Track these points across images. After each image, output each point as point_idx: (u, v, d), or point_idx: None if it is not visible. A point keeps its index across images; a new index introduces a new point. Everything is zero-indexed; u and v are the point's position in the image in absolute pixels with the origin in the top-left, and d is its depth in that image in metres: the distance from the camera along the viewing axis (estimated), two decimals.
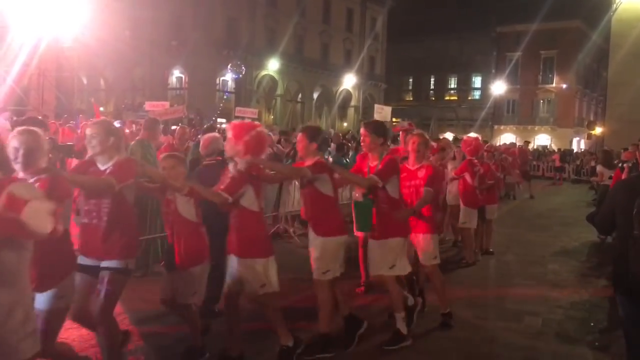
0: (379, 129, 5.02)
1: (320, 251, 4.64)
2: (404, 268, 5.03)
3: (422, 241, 5.43)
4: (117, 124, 14.48)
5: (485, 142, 14.14)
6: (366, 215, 4.93)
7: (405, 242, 5.04)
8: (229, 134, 4.33)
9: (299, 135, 4.84)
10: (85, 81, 36.49)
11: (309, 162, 4.66)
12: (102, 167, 3.92)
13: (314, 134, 4.72)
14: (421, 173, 5.32)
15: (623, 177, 8.10)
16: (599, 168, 11.95)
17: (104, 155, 3.93)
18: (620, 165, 10.28)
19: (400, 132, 7.19)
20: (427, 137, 5.59)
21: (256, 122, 4.46)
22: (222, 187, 4.24)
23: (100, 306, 3.84)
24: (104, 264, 3.86)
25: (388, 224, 4.90)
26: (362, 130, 5.20)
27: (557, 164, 27.85)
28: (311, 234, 4.77)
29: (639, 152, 9.35)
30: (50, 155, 6.02)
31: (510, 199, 17.49)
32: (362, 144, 5.24)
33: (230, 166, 4.43)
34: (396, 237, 4.94)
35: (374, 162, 4.99)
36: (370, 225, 4.95)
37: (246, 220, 4.34)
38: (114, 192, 3.77)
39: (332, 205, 4.72)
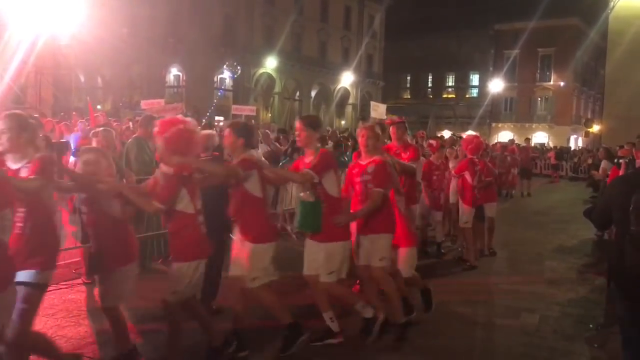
0: (314, 124, 4.84)
1: (248, 258, 4.46)
2: (342, 273, 4.81)
3: (369, 243, 4.96)
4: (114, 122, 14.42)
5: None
6: (312, 215, 4.64)
7: (346, 245, 4.79)
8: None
9: (226, 131, 4.67)
10: (82, 79, 36.46)
11: (237, 159, 4.53)
12: (14, 166, 3.56)
13: (240, 129, 4.58)
14: (371, 168, 4.94)
15: (620, 173, 8.10)
16: (603, 164, 11.95)
17: (16, 154, 3.58)
18: (616, 161, 10.28)
19: (391, 127, 7.12)
20: (379, 131, 5.28)
21: (185, 119, 4.23)
22: (155, 195, 4.06)
23: (16, 327, 3.44)
24: (19, 276, 3.42)
25: (327, 226, 4.63)
26: (297, 124, 4.95)
27: (553, 161, 27.79)
28: (238, 236, 4.60)
29: (635, 150, 9.34)
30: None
31: (507, 197, 17.48)
32: (297, 138, 5.00)
33: (157, 171, 4.26)
34: (336, 241, 4.69)
35: (309, 158, 4.77)
36: (315, 226, 4.68)
37: (181, 224, 4.15)
38: (36, 194, 3.48)
39: (260, 208, 4.51)
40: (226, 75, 39.14)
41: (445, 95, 56.47)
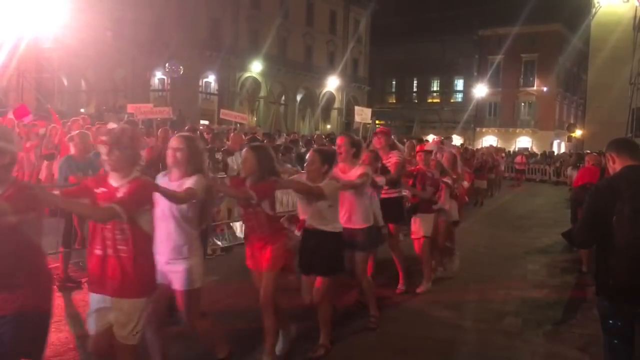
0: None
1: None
2: None
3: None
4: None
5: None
6: None
7: None
8: None
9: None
10: (65, 82, 36.14)
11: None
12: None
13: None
14: None
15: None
16: (569, 171, 11.90)
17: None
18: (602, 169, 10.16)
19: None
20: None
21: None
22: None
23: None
24: None
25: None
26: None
27: (518, 166, 26.91)
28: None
29: (611, 161, 9.32)
30: None
31: (477, 206, 16.35)
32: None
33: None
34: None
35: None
36: None
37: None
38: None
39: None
40: (211, 79, 39.04)
41: (430, 100, 56.78)
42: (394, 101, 58.28)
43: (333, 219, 4.79)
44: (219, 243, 8.58)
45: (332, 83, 45.90)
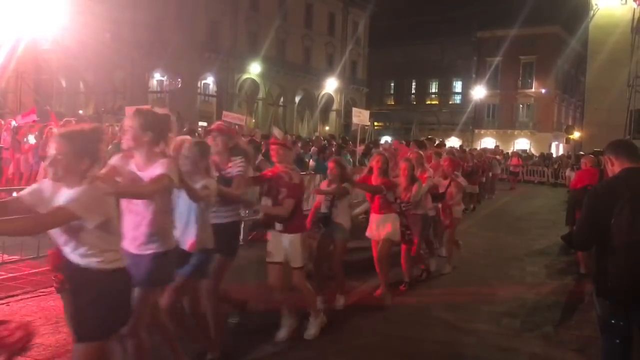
0: None
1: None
2: None
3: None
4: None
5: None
6: None
7: None
8: None
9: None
10: (64, 84, 36.15)
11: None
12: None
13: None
14: None
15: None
16: (567, 172, 11.86)
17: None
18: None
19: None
20: None
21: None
22: None
23: None
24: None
25: None
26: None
27: (512, 168, 26.10)
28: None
29: (609, 163, 9.31)
30: None
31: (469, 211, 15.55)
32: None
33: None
34: None
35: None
36: None
37: None
38: None
39: None
40: (210, 80, 39.06)
41: (428, 102, 56.85)
42: (393, 103, 58.35)
43: (106, 245, 2.91)
44: None
45: (331, 85, 45.93)
